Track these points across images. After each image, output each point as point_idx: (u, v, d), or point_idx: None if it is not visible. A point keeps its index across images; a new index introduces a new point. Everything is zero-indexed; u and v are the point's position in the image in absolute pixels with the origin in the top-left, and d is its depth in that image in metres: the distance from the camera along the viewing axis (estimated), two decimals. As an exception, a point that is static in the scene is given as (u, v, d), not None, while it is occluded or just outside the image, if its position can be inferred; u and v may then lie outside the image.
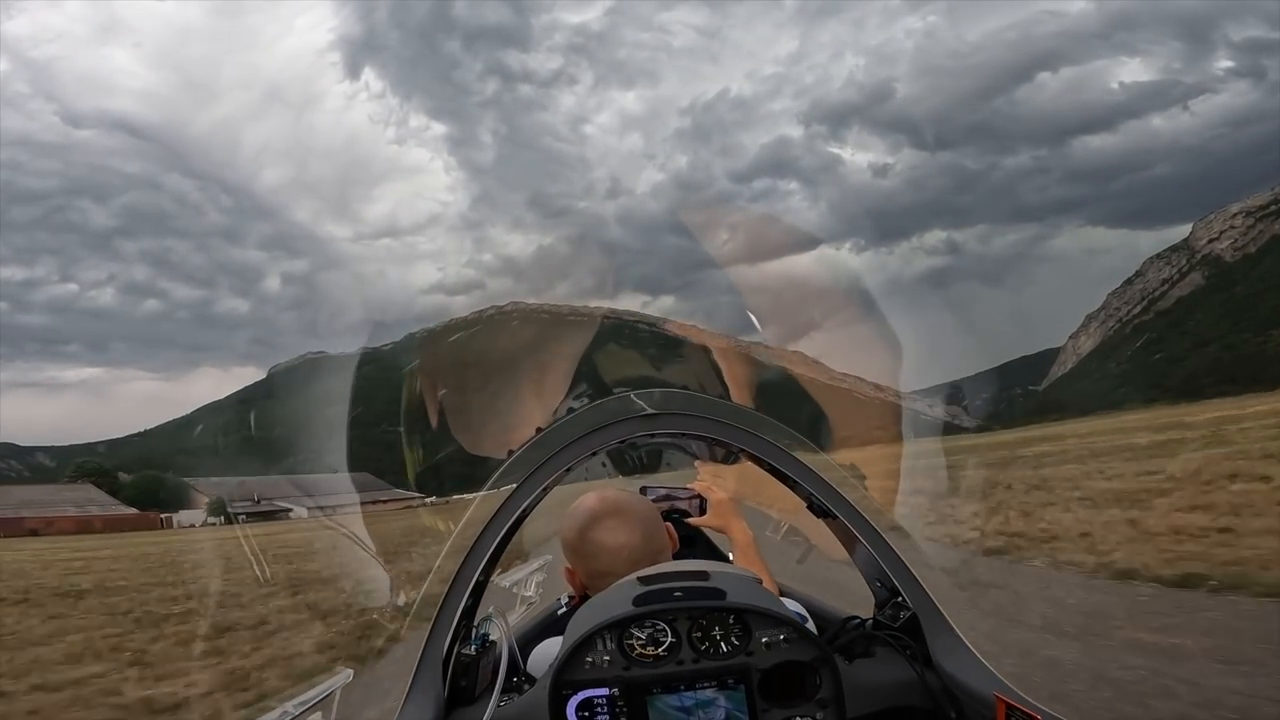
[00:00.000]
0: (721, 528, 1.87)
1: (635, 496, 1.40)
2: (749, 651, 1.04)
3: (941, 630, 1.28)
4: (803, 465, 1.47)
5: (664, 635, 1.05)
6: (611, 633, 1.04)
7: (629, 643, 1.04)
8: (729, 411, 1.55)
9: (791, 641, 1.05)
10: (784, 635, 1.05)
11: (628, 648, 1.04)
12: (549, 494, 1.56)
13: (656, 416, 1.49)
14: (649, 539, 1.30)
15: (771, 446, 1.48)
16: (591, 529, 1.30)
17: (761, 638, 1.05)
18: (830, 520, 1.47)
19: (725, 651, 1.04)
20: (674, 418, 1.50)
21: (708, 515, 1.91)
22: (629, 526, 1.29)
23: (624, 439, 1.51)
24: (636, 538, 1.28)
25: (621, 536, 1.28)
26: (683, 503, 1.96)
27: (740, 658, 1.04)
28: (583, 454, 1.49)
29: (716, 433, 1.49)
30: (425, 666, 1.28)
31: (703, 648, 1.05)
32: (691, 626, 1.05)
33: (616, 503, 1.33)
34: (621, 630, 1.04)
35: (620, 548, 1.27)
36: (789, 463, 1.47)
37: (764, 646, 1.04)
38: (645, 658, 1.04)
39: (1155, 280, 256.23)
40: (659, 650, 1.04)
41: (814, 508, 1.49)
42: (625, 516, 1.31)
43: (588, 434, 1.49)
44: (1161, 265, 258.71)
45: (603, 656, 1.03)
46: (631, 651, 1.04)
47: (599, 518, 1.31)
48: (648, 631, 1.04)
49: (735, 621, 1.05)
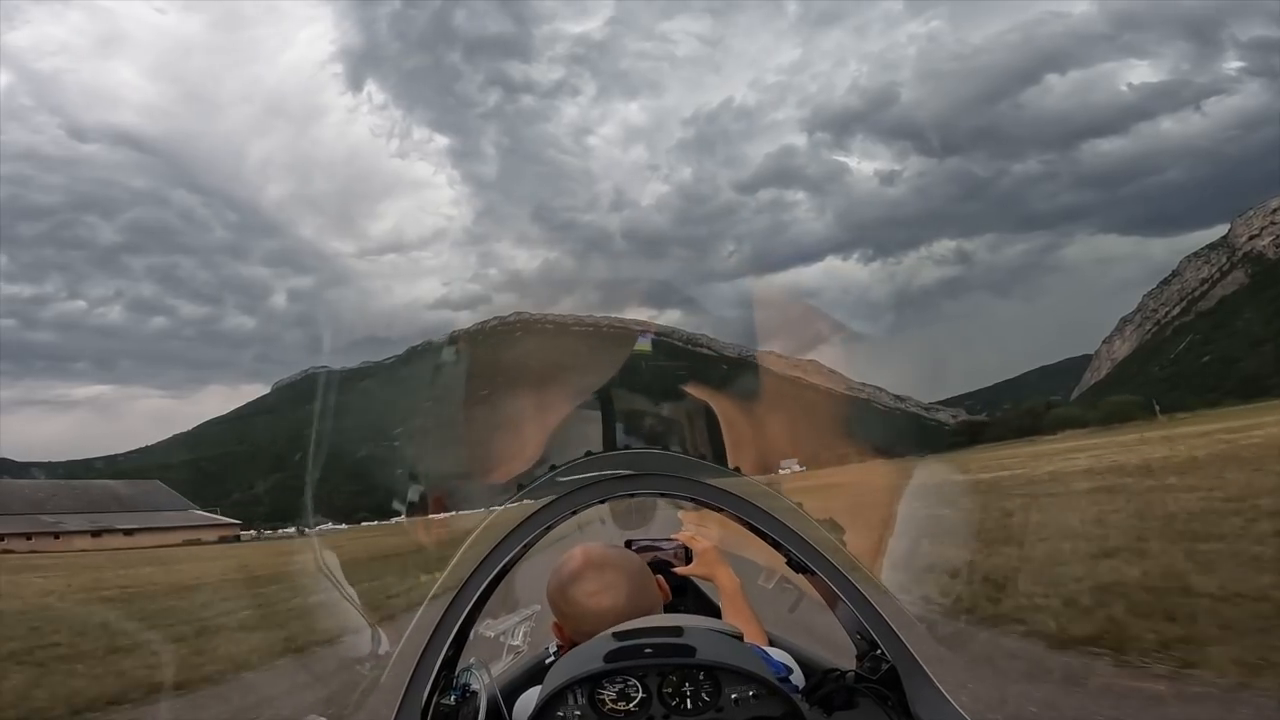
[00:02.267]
0: (708, 576, 1.86)
1: (622, 553, 1.37)
2: (719, 708, 1.04)
3: (921, 683, 1.29)
4: (780, 523, 1.50)
5: (635, 690, 1.05)
6: (583, 687, 1.04)
7: (600, 697, 1.04)
8: (706, 471, 1.59)
9: (760, 698, 1.04)
10: (753, 691, 1.04)
11: (599, 702, 1.04)
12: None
13: (635, 477, 1.53)
14: (635, 598, 1.27)
15: (749, 505, 1.50)
16: (575, 588, 1.27)
17: (731, 694, 1.04)
18: (809, 575, 1.50)
19: (695, 708, 1.04)
20: (652, 478, 1.54)
21: (694, 564, 1.89)
22: (614, 588, 1.26)
23: (604, 499, 1.55)
24: (621, 599, 1.25)
25: (606, 601, 1.25)
26: (667, 553, 1.94)
27: (710, 714, 1.04)
28: (562, 514, 1.52)
29: (694, 492, 1.54)
30: (404, 716, 1.29)
31: (673, 704, 1.04)
32: (662, 682, 1.05)
33: (601, 559, 1.30)
34: (593, 685, 1.04)
35: (605, 612, 1.24)
36: (766, 521, 1.50)
37: (734, 703, 1.04)
38: (616, 712, 1.04)
39: (1194, 280, 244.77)
40: (630, 705, 1.04)
41: (792, 564, 1.52)
42: (610, 576, 1.28)
43: (567, 494, 1.52)
44: (1200, 264, 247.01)
45: (574, 711, 1.03)
46: (603, 706, 1.04)
47: (582, 576, 1.28)
48: (619, 687, 1.05)
49: (706, 678, 1.05)
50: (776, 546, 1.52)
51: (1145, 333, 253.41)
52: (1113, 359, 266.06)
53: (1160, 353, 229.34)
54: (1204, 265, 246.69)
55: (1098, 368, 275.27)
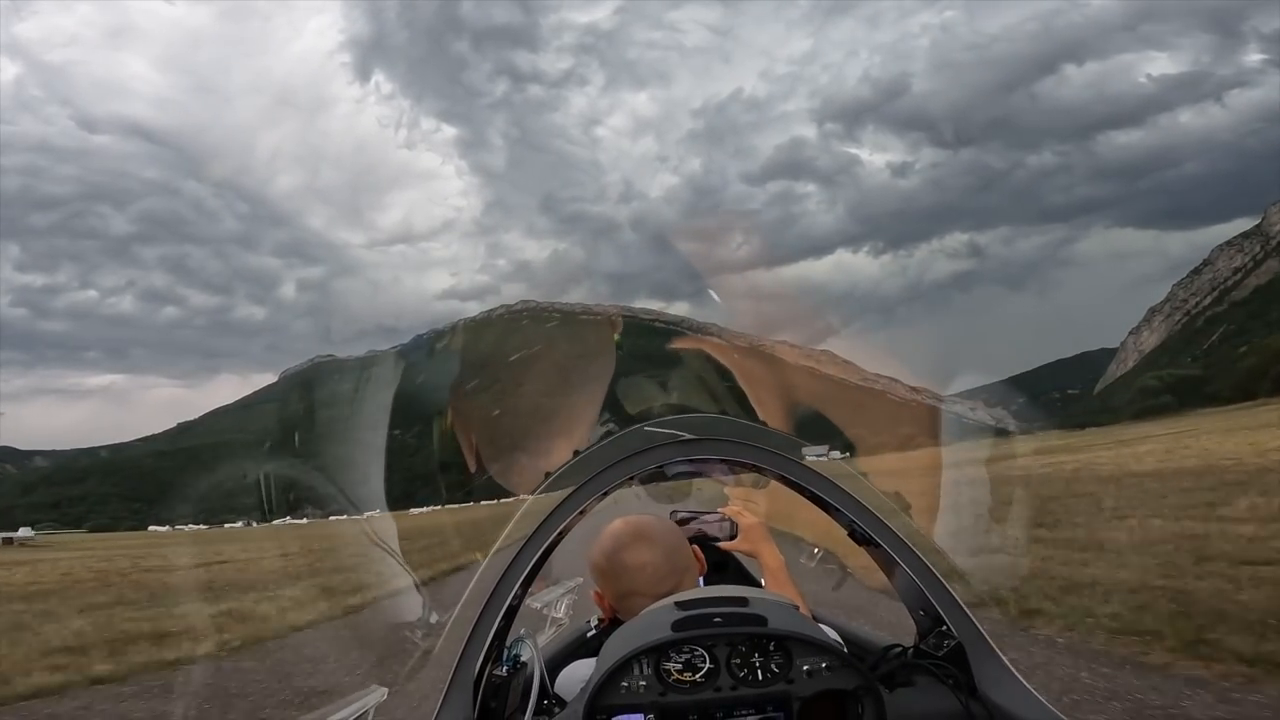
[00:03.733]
0: (752, 552, 1.84)
1: (660, 520, 1.42)
2: (789, 679, 1.01)
3: (988, 659, 1.26)
4: (843, 492, 1.45)
5: (702, 661, 1.02)
6: (649, 658, 1.02)
7: (666, 668, 1.02)
8: (768, 437, 1.56)
9: (834, 670, 1.02)
10: (826, 663, 1.02)
11: (665, 673, 1.02)
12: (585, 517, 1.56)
13: (694, 442, 1.49)
14: (672, 558, 1.33)
15: (811, 473, 1.46)
16: (616, 551, 1.34)
17: (803, 665, 1.02)
18: (872, 548, 1.46)
19: (765, 679, 1.02)
20: (712, 443, 1.50)
21: (738, 540, 1.87)
22: (651, 547, 1.33)
23: (661, 464, 1.51)
24: (659, 557, 1.32)
25: (645, 555, 1.32)
26: (712, 526, 1.89)
27: (780, 685, 1.01)
28: (619, 478, 1.50)
29: (755, 459, 1.49)
30: (456, 687, 1.29)
31: (741, 675, 1.02)
32: (730, 653, 1.03)
33: (640, 526, 1.38)
34: (659, 655, 1.02)
35: (643, 565, 1.31)
36: (829, 489, 1.46)
37: (805, 674, 1.02)
38: (682, 684, 1.01)
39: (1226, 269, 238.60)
40: (697, 676, 1.02)
41: (855, 535, 1.48)
42: (648, 539, 1.35)
43: (625, 459, 1.49)
44: (1233, 253, 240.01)
45: (639, 682, 1.01)
46: (668, 677, 1.02)
47: (623, 541, 1.35)
48: (685, 657, 1.03)
49: (776, 649, 1.03)
50: (838, 516, 1.46)
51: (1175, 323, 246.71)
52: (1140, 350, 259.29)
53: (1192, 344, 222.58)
54: (1236, 254, 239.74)
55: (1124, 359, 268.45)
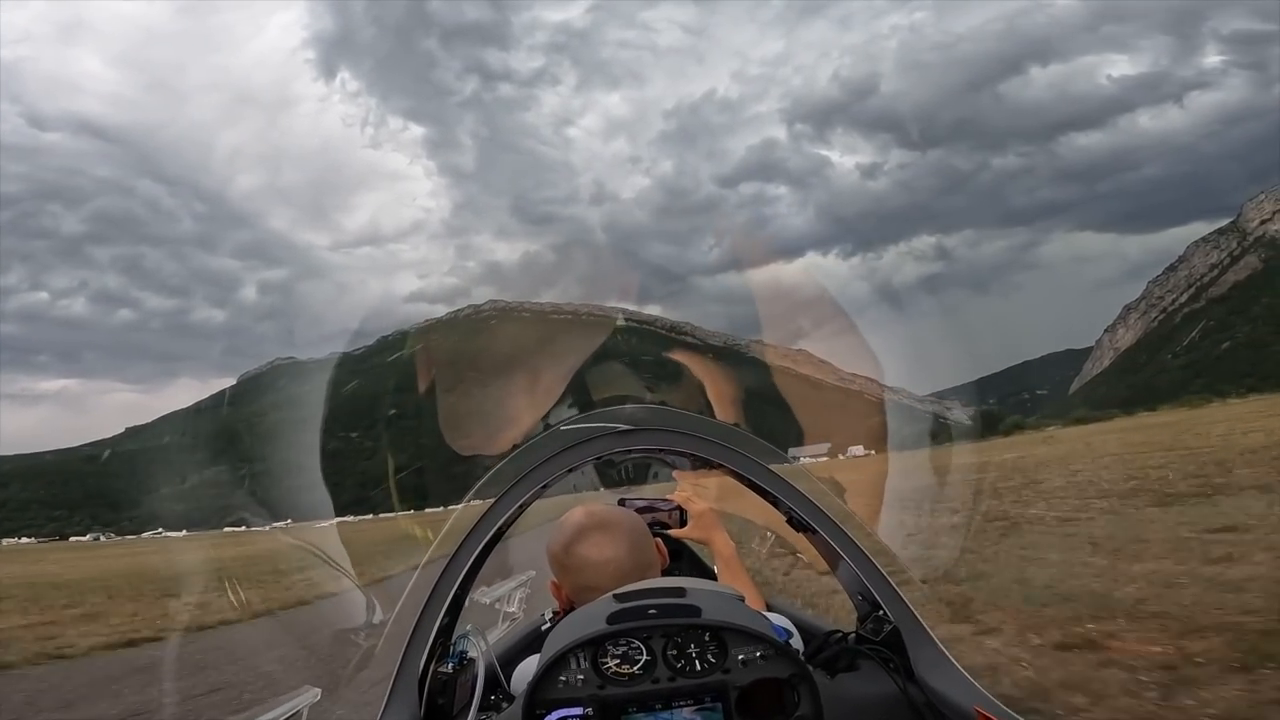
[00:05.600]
0: (703, 539, 1.82)
1: (624, 512, 1.40)
2: (726, 669, 1.02)
3: (923, 643, 1.29)
4: (781, 480, 1.46)
5: (639, 653, 1.03)
6: (585, 651, 1.02)
7: (604, 661, 1.02)
8: (707, 426, 1.56)
9: (769, 658, 1.02)
10: (761, 652, 1.03)
11: (602, 666, 1.02)
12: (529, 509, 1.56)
13: (634, 432, 1.50)
14: (635, 554, 1.29)
15: (750, 461, 1.47)
16: (577, 543, 1.30)
17: (738, 655, 1.02)
18: (810, 535, 1.47)
19: (702, 669, 1.02)
20: (651, 433, 1.51)
21: (688, 527, 1.85)
22: (614, 542, 1.29)
23: (601, 455, 1.51)
24: (622, 552, 1.28)
25: (607, 551, 1.27)
26: (663, 514, 1.89)
27: (717, 675, 1.01)
28: (559, 470, 1.49)
29: (694, 448, 1.50)
30: (401, 684, 1.28)
31: (679, 665, 1.02)
32: (667, 644, 1.03)
33: (603, 517, 1.33)
34: (596, 649, 1.03)
35: (605, 563, 1.26)
36: (767, 477, 1.46)
37: (740, 664, 1.02)
38: (620, 676, 1.02)
39: (1202, 265, 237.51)
40: (634, 669, 1.02)
41: (793, 522, 1.49)
42: (612, 532, 1.30)
43: (565, 450, 1.49)
44: (1208, 250, 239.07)
45: (576, 675, 1.02)
46: (606, 670, 1.02)
47: (585, 532, 1.30)
48: (622, 650, 1.03)
49: (711, 639, 1.03)
50: (776, 504, 1.46)
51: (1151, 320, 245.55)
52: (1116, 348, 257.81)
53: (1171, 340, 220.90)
54: (1212, 250, 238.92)
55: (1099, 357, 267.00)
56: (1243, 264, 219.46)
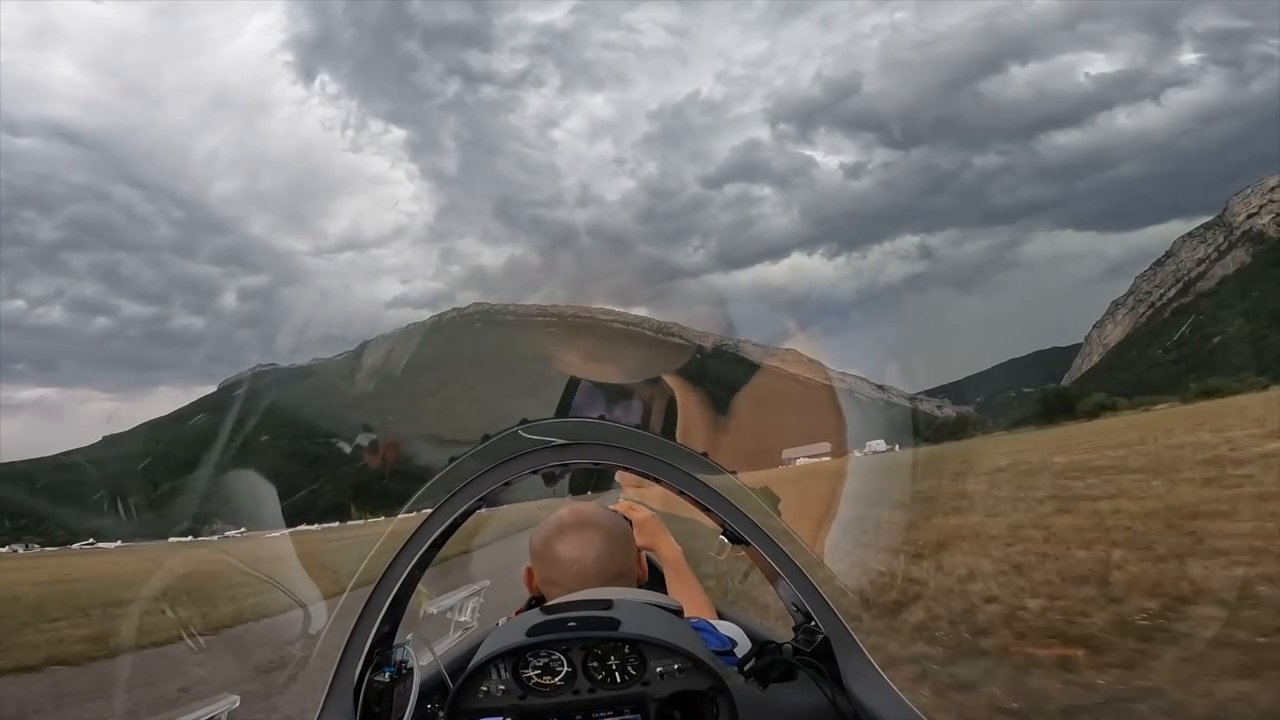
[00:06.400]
0: (649, 546, 1.80)
1: (612, 518, 1.42)
2: (645, 681, 1.04)
3: (853, 655, 1.30)
4: (715, 493, 1.48)
5: (560, 665, 1.04)
6: (505, 662, 1.04)
7: (525, 673, 1.04)
8: (644, 441, 1.58)
9: (686, 671, 1.04)
10: (679, 665, 1.04)
11: (524, 677, 1.04)
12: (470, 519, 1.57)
13: (569, 447, 1.50)
14: (606, 559, 1.30)
15: (684, 475, 1.48)
16: (555, 538, 1.32)
17: (657, 667, 1.04)
18: (745, 547, 1.48)
19: (621, 681, 1.04)
20: (586, 448, 1.51)
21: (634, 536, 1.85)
22: (588, 543, 1.30)
23: (536, 469, 1.51)
24: (592, 555, 1.29)
25: (577, 551, 1.29)
26: None
27: (636, 687, 1.03)
28: (495, 484, 1.49)
29: (628, 462, 1.51)
30: (335, 694, 1.28)
31: (599, 677, 1.04)
32: (586, 656, 1.05)
33: (586, 518, 1.36)
34: (516, 660, 1.04)
35: (573, 561, 1.28)
36: (702, 491, 1.48)
37: (659, 676, 1.04)
38: (542, 687, 1.04)
39: (1190, 260, 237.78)
40: (555, 680, 1.04)
41: (729, 534, 1.51)
42: (589, 533, 1.32)
43: (500, 464, 1.49)
44: (1195, 244, 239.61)
45: (497, 685, 1.03)
46: (528, 681, 1.04)
47: (565, 529, 1.33)
48: (544, 661, 1.05)
49: (631, 651, 1.05)
50: (712, 517, 1.49)
51: (1139, 316, 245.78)
52: (1105, 344, 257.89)
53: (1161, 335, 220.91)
54: (1199, 245, 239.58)
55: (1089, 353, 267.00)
56: (1230, 258, 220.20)
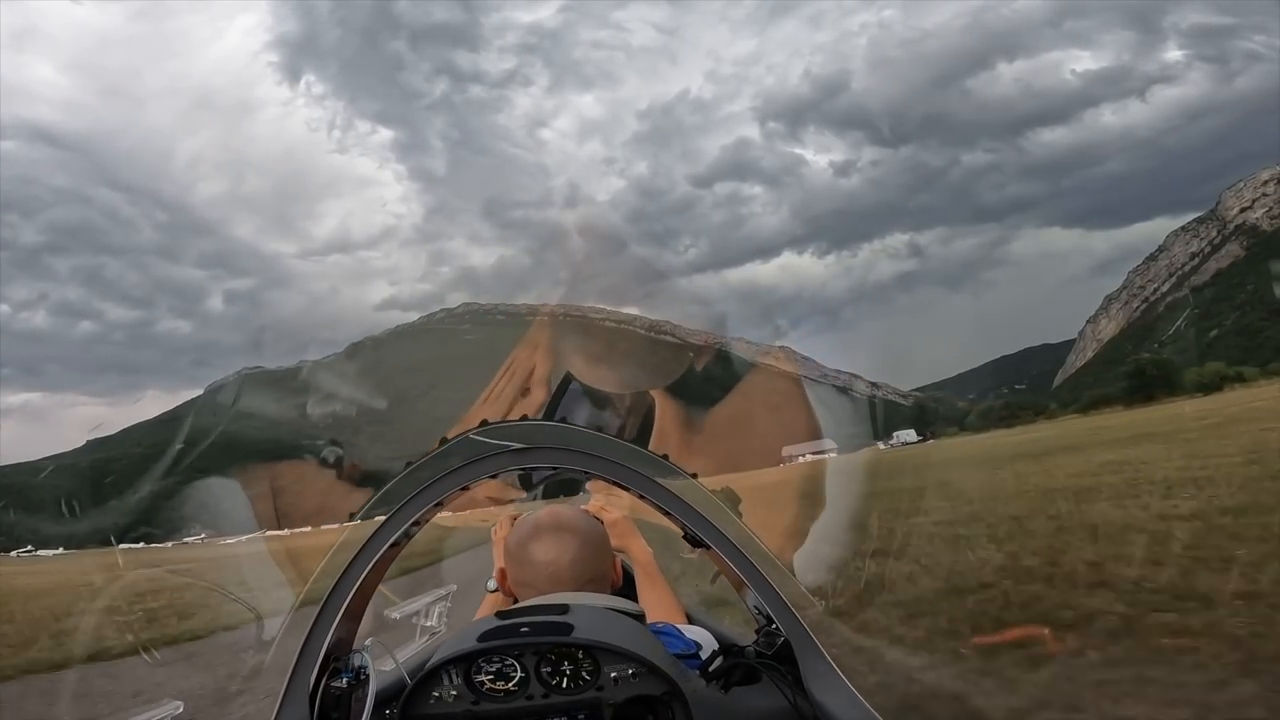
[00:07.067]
0: (620, 548, 1.76)
1: (588, 522, 1.43)
2: (599, 686, 1.03)
3: (814, 658, 1.29)
4: (675, 496, 1.47)
5: (513, 670, 1.04)
6: (457, 667, 1.03)
7: (478, 678, 1.04)
8: (604, 445, 1.58)
9: (640, 676, 1.04)
10: (633, 670, 1.04)
11: (477, 682, 1.03)
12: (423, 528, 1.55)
13: (527, 451, 1.49)
14: (580, 563, 1.30)
15: (643, 478, 1.48)
16: (529, 539, 1.33)
17: (611, 673, 1.04)
18: (706, 551, 1.47)
19: (576, 687, 1.03)
20: (544, 451, 1.50)
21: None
22: (561, 547, 1.30)
23: (494, 473, 1.50)
24: (565, 559, 1.29)
25: (550, 554, 1.29)
26: None
27: (591, 693, 1.03)
28: (452, 488, 1.48)
29: (586, 465, 1.50)
30: (290, 701, 1.26)
31: (553, 683, 1.04)
32: (540, 661, 1.04)
33: (562, 521, 1.36)
34: (469, 665, 1.04)
35: (544, 564, 1.28)
36: (661, 494, 1.47)
37: (613, 682, 1.03)
38: (496, 693, 1.03)
39: (1183, 255, 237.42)
40: (509, 685, 1.03)
41: (689, 538, 1.50)
42: (563, 537, 1.32)
43: (458, 468, 1.48)
44: (1188, 239, 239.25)
45: (449, 691, 1.03)
46: (481, 687, 1.03)
47: (539, 531, 1.33)
48: (496, 667, 1.04)
49: (585, 656, 1.04)
50: (673, 520, 1.48)
51: (1134, 310, 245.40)
52: (1099, 339, 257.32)
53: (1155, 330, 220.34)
54: (1192, 239, 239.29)
55: (1083, 349, 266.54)
56: (1224, 252, 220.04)
